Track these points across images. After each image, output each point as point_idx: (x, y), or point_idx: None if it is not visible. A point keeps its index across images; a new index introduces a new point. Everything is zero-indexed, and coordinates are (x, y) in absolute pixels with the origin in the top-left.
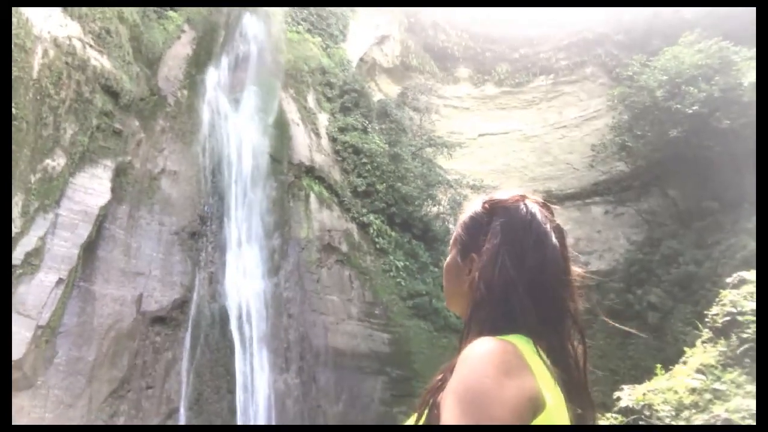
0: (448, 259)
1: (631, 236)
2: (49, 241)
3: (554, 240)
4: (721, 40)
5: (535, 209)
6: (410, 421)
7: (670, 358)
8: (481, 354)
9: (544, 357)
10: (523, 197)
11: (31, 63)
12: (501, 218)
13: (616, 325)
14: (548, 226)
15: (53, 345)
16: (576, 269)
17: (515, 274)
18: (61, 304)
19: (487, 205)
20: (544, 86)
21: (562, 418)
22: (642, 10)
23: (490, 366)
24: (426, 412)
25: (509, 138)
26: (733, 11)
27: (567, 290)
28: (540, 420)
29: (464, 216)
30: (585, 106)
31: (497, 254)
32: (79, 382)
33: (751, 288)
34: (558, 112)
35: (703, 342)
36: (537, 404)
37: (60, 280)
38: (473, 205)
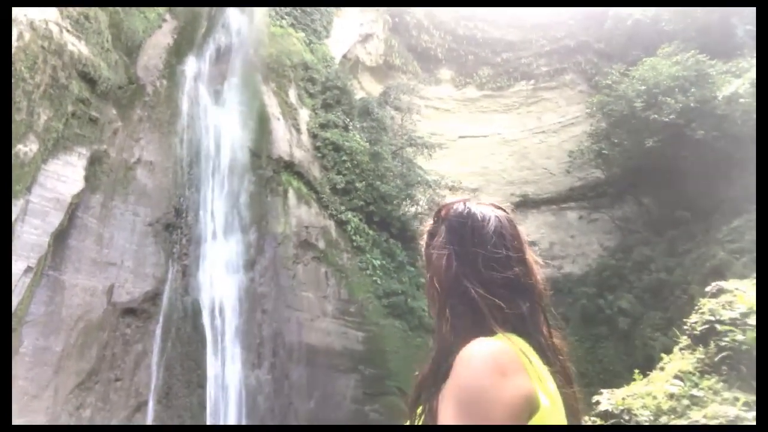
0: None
1: (604, 242)
2: (19, 228)
3: (498, 230)
4: (698, 53)
5: (474, 207)
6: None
7: (639, 363)
8: (477, 355)
9: (537, 354)
10: (466, 200)
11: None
12: (446, 221)
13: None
14: (491, 220)
15: (19, 334)
16: (536, 258)
17: (462, 269)
18: (28, 293)
19: (440, 213)
20: (524, 91)
21: (558, 416)
22: (622, 20)
23: (487, 367)
24: (423, 412)
25: (489, 141)
26: (709, 25)
27: (526, 283)
28: (536, 418)
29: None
30: (564, 112)
31: (443, 253)
32: (46, 373)
33: (730, 297)
34: (537, 118)
35: (681, 349)
36: (533, 404)
37: (28, 269)
38: (432, 217)
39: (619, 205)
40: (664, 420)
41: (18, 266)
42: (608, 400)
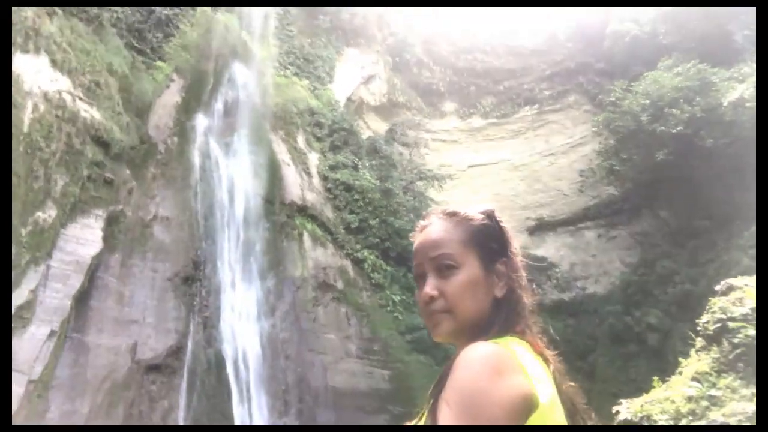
0: (464, 275)
1: (625, 258)
2: (41, 293)
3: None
4: (699, 62)
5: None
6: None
7: None
8: (475, 357)
9: (540, 355)
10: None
11: (21, 118)
12: (500, 225)
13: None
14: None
15: (46, 399)
16: (520, 256)
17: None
18: (53, 357)
19: (484, 214)
20: (529, 116)
21: (557, 414)
22: (620, 38)
23: (485, 368)
24: (425, 414)
25: (498, 168)
26: (707, 34)
27: (529, 289)
28: (534, 417)
29: (469, 227)
30: (571, 133)
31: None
32: None
33: (740, 294)
34: (545, 141)
35: (697, 351)
36: (530, 402)
37: (52, 333)
38: (466, 216)
39: (637, 220)
40: (683, 423)
41: (42, 331)
42: (627, 408)
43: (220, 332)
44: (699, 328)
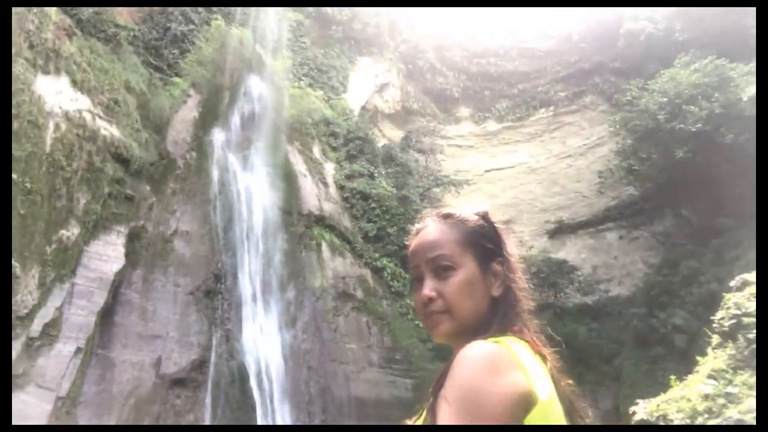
0: (462, 275)
1: (648, 259)
2: (66, 310)
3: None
4: (716, 58)
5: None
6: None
7: None
8: (475, 355)
9: (538, 354)
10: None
11: (43, 138)
12: (494, 226)
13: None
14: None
15: (74, 416)
16: (516, 255)
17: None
18: (80, 374)
19: (479, 215)
20: (545, 118)
21: (556, 411)
22: (635, 37)
23: (484, 365)
24: (425, 412)
25: (515, 171)
26: (724, 30)
27: (526, 289)
28: (533, 414)
29: (464, 228)
30: (588, 134)
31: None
32: None
33: (754, 289)
34: (561, 143)
35: (713, 348)
36: (530, 399)
37: (78, 350)
38: (462, 217)
39: (659, 219)
40: (699, 421)
41: (68, 348)
42: (644, 408)
43: (243, 345)
44: (715, 325)
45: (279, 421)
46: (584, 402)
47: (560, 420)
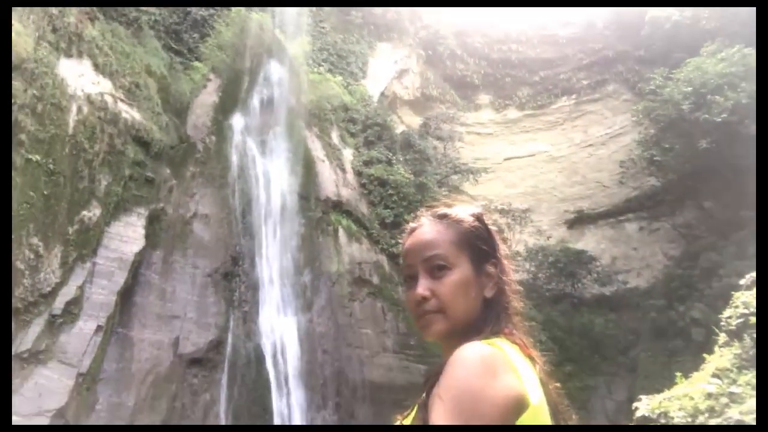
0: (457, 275)
1: (668, 251)
2: (88, 289)
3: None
4: (744, 47)
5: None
6: (406, 422)
7: None
8: (471, 356)
9: (529, 357)
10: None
11: (66, 120)
12: (488, 227)
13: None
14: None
15: (94, 392)
16: (508, 255)
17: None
18: (100, 351)
19: (474, 216)
20: (567, 106)
21: (545, 417)
22: (660, 25)
23: (480, 367)
24: (415, 411)
25: (535, 160)
26: (752, 18)
27: (517, 292)
28: (524, 418)
29: (460, 229)
30: (610, 123)
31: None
32: None
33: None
34: (583, 131)
35: (720, 346)
36: (522, 403)
37: (99, 328)
38: (458, 218)
39: (680, 211)
40: (701, 420)
41: (89, 326)
42: (646, 405)
43: (259, 327)
44: (722, 323)
45: (293, 403)
46: (568, 406)
47: (549, 421)
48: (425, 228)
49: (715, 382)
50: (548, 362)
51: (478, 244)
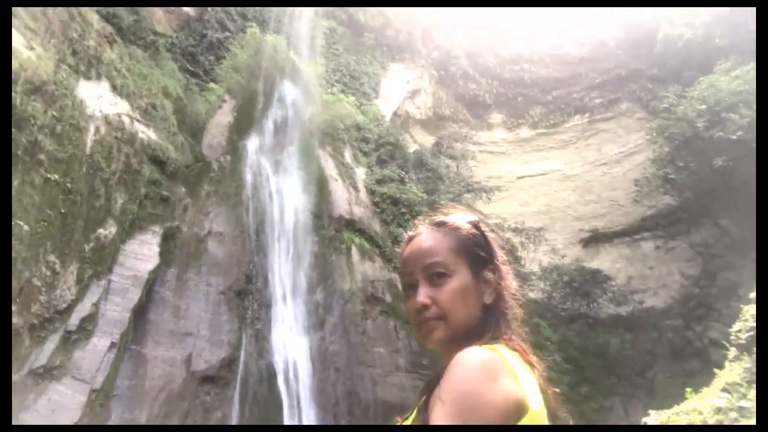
0: (456, 282)
1: (685, 271)
2: (102, 306)
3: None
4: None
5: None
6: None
7: None
8: (472, 360)
9: (529, 363)
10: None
11: (84, 140)
12: (485, 235)
13: None
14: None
15: (107, 408)
16: (506, 261)
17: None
18: (114, 368)
19: (471, 224)
20: (580, 125)
21: (545, 422)
22: (672, 43)
23: (481, 371)
24: (415, 414)
25: (549, 179)
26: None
27: (517, 298)
28: (524, 421)
29: (457, 236)
30: (624, 141)
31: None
32: None
33: None
34: (597, 150)
35: (730, 361)
36: (521, 408)
37: (113, 344)
38: (455, 225)
39: (696, 230)
40: None
41: (103, 342)
42: (655, 420)
43: (272, 345)
44: (732, 337)
45: (305, 422)
46: (565, 412)
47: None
48: (423, 236)
49: (725, 396)
50: (562, 382)
51: (476, 250)
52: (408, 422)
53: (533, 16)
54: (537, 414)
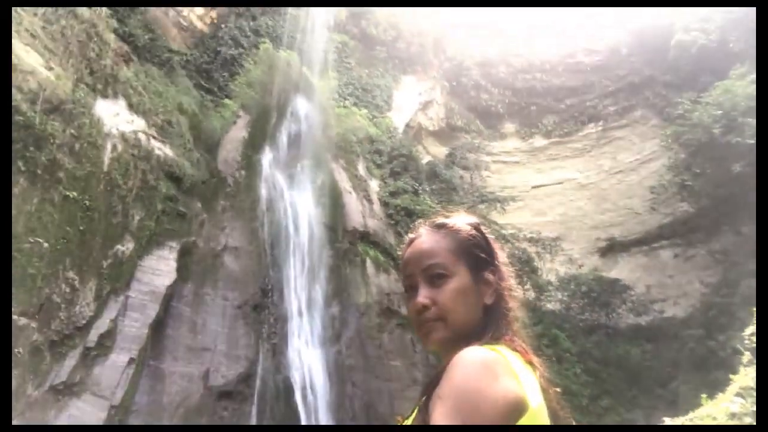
0: (456, 283)
1: (705, 279)
2: (120, 322)
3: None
4: None
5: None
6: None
7: None
8: (472, 359)
9: (530, 363)
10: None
11: (101, 158)
12: (485, 236)
13: None
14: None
15: (126, 424)
16: (505, 261)
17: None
18: (132, 384)
19: (471, 225)
20: (594, 133)
21: (545, 422)
22: (686, 49)
23: (481, 370)
24: (415, 413)
25: (564, 188)
26: None
27: (518, 299)
28: (523, 421)
29: (457, 238)
30: (639, 149)
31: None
32: None
33: None
34: (612, 158)
35: (744, 365)
36: (521, 407)
37: (131, 360)
38: (455, 227)
39: (716, 237)
40: None
41: (122, 358)
42: None
43: (288, 359)
44: (746, 341)
45: None
46: (567, 413)
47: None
48: (423, 238)
49: (738, 401)
50: (582, 394)
51: (476, 252)
52: (408, 422)
53: (544, 25)
54: (537, 413)
